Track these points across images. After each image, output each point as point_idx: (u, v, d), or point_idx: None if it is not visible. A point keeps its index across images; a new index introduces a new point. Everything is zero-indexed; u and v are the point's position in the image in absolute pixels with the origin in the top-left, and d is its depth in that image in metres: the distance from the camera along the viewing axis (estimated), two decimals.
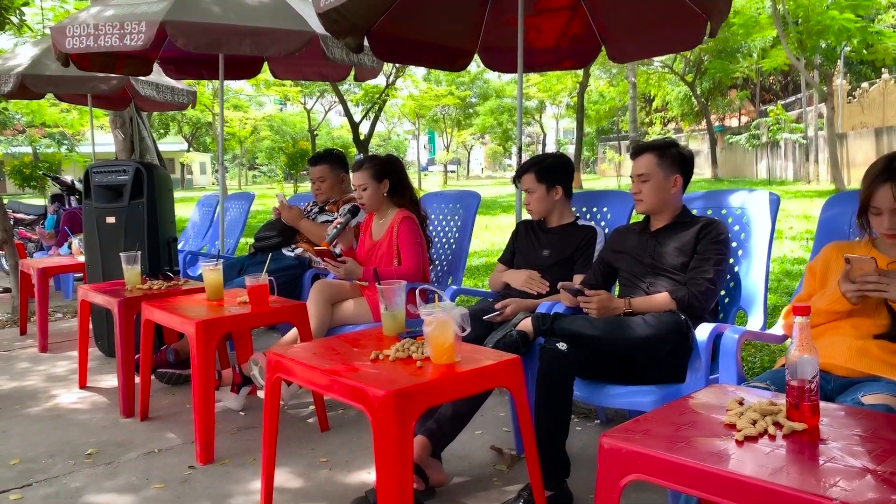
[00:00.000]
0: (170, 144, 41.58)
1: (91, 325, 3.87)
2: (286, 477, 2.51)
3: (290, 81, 22.83)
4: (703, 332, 2.12)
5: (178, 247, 4.51)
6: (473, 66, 4.31)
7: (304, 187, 25.46)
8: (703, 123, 28.93)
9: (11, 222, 6.03)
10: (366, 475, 2.50)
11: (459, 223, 3.65)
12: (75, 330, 4.21)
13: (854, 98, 21.43)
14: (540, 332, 2.30)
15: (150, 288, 3.37)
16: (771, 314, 2.59)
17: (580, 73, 21.43)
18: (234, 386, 3.24)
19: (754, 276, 2.49)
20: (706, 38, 3.48)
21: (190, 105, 6.83)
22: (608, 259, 2.64)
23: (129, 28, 3.77)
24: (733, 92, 30.65)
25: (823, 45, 16.84)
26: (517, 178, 3.03)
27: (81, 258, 4.65)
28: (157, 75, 5.84)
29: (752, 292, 2.48)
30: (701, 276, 2.31)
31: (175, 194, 4.27)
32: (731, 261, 2.53)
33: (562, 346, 2.17)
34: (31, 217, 8.13)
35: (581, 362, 2.21)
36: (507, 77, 32.67)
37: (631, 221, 2.86)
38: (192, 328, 2.63)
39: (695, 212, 2.61)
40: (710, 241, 2.35)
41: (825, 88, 17.46)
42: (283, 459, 2.57)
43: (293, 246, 4.12)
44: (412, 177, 3.59)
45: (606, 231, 2.91)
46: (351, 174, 3.48)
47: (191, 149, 45.27)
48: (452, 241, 3.65)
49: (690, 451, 1.27)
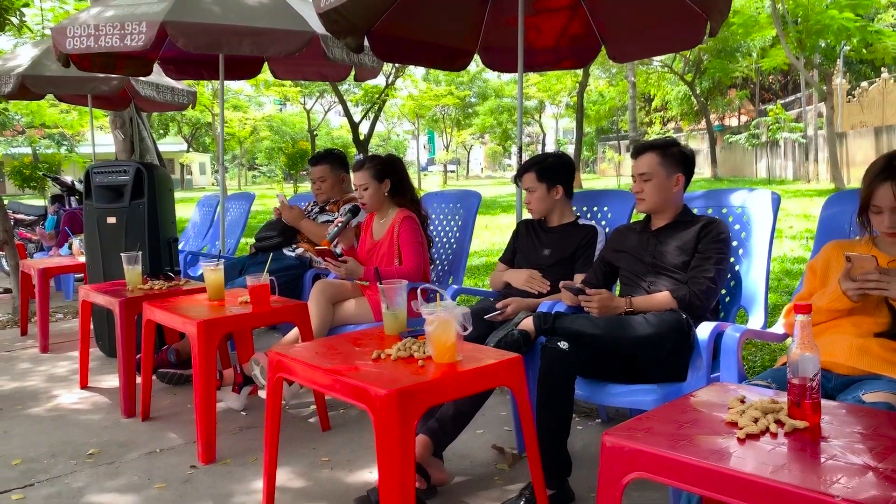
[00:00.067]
0: (169, 145, 41.59)
1: (92, 326, 3.87)
2: (288, 476, 2.51)
3: (289, 82, 22.84)
4: (704, 330, 2.12)
5: (179, 247, 4.51)
6: (472, 65, 4.31)
7: (304, 187, 25.45)
8: (703, 123, 28.93)
9: (11, 223, 6.03)
10: (367, 474, 2.51)
11: (460, 223, 3.65)
12: (76, 330, 4.21)
13: (853, 97, 21.43)
14: (541, 331, 2.30)
15: (151, 288, 3.37)
16: (771, 313, 2.60)
17: (580, 72, 21.41)
18: (236, 386, 3.25)
19: (755, 274, 2.49)
20: (706, 38, 3.48)
21: (190, 105, 6.83)
22: (609, 258, 2.64)
23: (130, 28, 3.77)
24: (733, 91, 30.65)
25: (823, 45, 16.86)
26: (518, 177, 3.04)
27: (82, 258, 4.66)
28: (158, 76, 5.85)
29: (753, 291, 2.48)
30: (702, 274, 2.32)
31: (175, 195, 4.27)
32: (732, 260, 2.53)
33: (563, 345, 2.17)
34: (31, 218, 8.12)
35: (582, 361, 2.21)
36: (506, 76, 32.67)
37: (632, 220, 2.87)
38: (194, 328, 2.63)
39: (695, 211, 2.61)
40: (711, 241, 2.35)
41: (825, 88, 17.46)
42: (284, 459, 2.57)
43: (294, 246, 4.13)
44: (412, 177, 3.59)
45: (607, 230, 2.91)
46: (352, 174, 3.48)
47: (190, 149, 45.28)
48: (453, 240, 3.66)
49: (692, 448, 1.27)
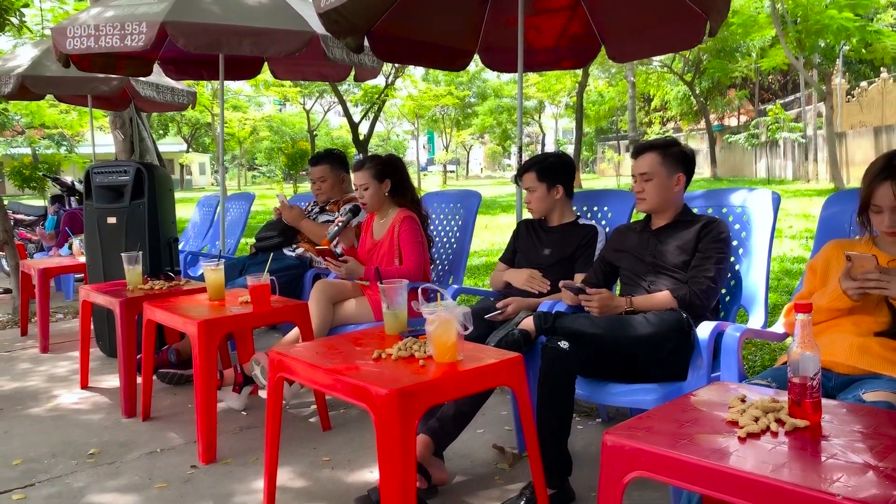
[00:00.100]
0: (169, 145, 41.59)
1: (92, 326, 3.87)
2: (289, 476, 2.51)
3: (289, 82, 22.83)
4: (704, 330, 2.12)
5: (179, 247, 4.51)
6: (472, 65, 4.30)
7: (304, 188, 25.45)
8: (702, 123, 28.94)
9: (11, 223, 6.03)
10: (368, 474, 2.51)
11: (460, 223, 3.65)
12: (76, 330, 4.21)
13: (853, 97, 21.45)
14: (542, 331, 2.30)
15: (151, 288, 3.37)
16: (771, 313, 2.60)
17: (579, 72, 21.42)
18: (236, 386, 3.25)
19: (755, 274, 2.49)
20: (706, 38, 3.48)
21: (190, 105, 6.83)
22: (609, 258, 2.64)
23: (130, 29, 3.78)
24: (732, 91, 30.66)
25: (822, 45, 16.85)
26: (518, 176, 3.04)
27: (82, 259, 4.66)
28: (157, 76, 5.85)
29: (753, 290, 2.48)
30: (702, 274, 2.32)
31: (175, 195, 4.27)
32: (732, 259, 2.53)
33: (564, 344, 2.17)
34: (31, 218, 8.13)
35: (583, 361, 2.21)
36: (505, 76, 32.67)
37: (632, 220, 2.87)
38: (195, 328, 2.63)
39: (695, 210, 2.61)
40: (712, 240, 2.35)
41: (824, 87, 17.47)
42: (285, 459, 2.58)
43: (294, 246, 4.13)
44: (412, 177, 3.59)
45: (607, 230, 2.92)
46: (352, 174, 3.48)
47: (190, 149, 45.27)
48: (453, 240, 3.66)
49: (693, 447, 1.27)
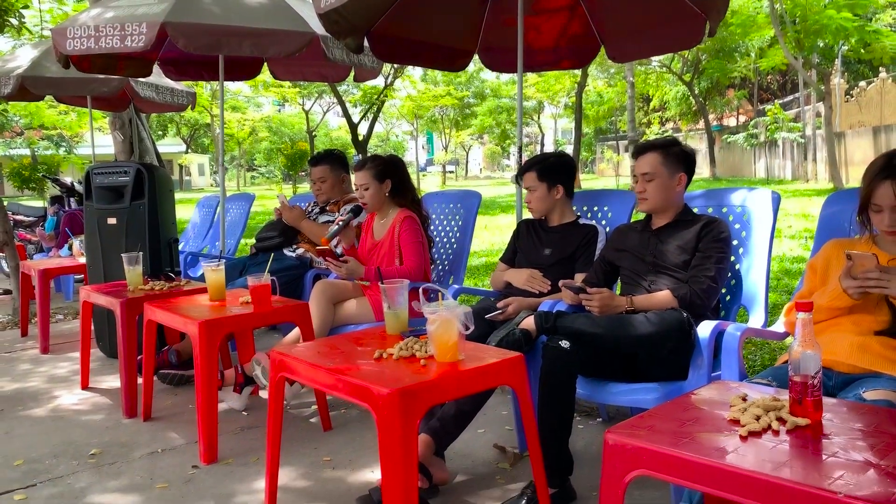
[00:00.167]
0: (168, 146, 41.55)
1: (92, 327, 3.88)
2: (290, 476, 2.51)
3: (288, 83, 22.81)
4: (705, 329, 2.13)
5: (179, 248, 4.51)
6: (471, 65, 4.31)
7: (303, 188, 25.44)
8: (701, 123, 28.93)
9: (11, 224, 6.02)
10: (369, 474, 2.51)
11: (460, 223, 3.66)
12: (76, 331, 4.22)
13: (852, 97, 21.45)
14: (543, 330, 2.31)
15: (152, 289, 3.37)
16: (771, 312, 2.60)
17: (578, 73, 21.39)
18: (237, 386, 3.25)
19: (755, 273, 2.50)
20: (705, 38, 3.49)
21: (189, 106, 6.83)
22: (610, 257, 2.65)
23: (130, 29, 3.78)
24: (731, 91, 30.65)
25: (821, 45, 16.85)
26: (519, 176, 3.05)
27: (82, 259, 4.66)
28: (157, 77, 5.84)
29: (754, 290, 2.49)
30: (703, 273, 2.32)
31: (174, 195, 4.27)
32: (732, 259, 2.54)
33: (564, 343, 2.18)
34: (30, 219, 8.13)
35: (583, 360, 2.22)
36: (504, 77, 32.66)
37: (632, 220, 2.87)
38: (196, 328, 2.63)
39: (696, 210, 2.61)
40: (712, 240, 2.36)
41: (823, 87, 17.48)
42: (286, 459, 2.58)
43: (294, 246, 4.13)
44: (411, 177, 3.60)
45: (607, 230, 2.92)
46: (353, 173, 3.48)
47: (189, 150, 45.23)
48: (454, 240, 3.66)
49: (695, 446, 1.28)
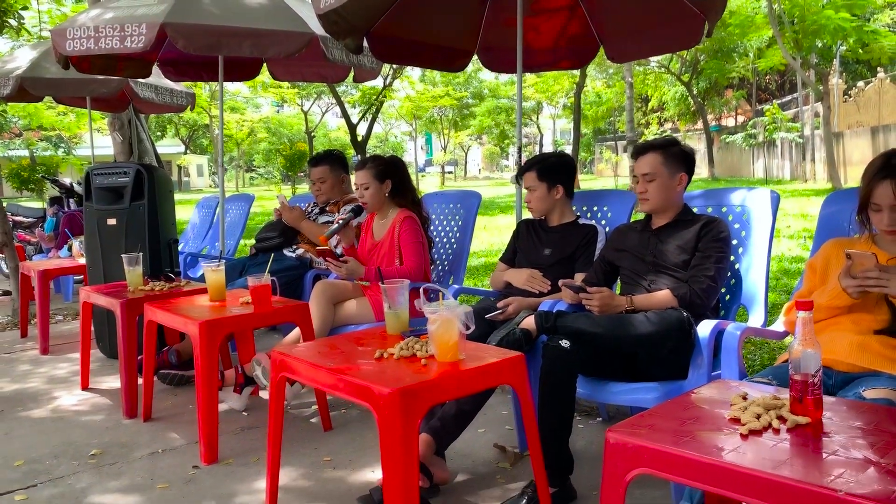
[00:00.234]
0: (167, 147, 41.50)
1: (92, 327, 3.88)
2: (290, 476, 2.52)
3: (286, 83, 22.81)
4: (705, 328, 2.13)
5: (179, 248, 4.51)
6: (469, 66, 4.32)
7: (302, 189, 25.43)
8: (700, 123, 28.94)
9: (10, 225, 6.02)
10: (370, 474, 2.52)
11: (460, 223, 3.66)
12: (76, 332, 4.22)
13: (850, 97, 21.48)
14: (543, 330, 2.31)
15: (152, 289, 3.37)
16: (770, 312, 2.61)
17: (577, 73, 21.41)
18: (237, 386, 3.25)
19: (755, 273, 2.50)
20: (703, 38, 3.49)
21: (189, 107, 6.83)
22: (609, 257, 2.65)
23: (130, 30, 3.78)
24: (730, 91, 30.66)
25: (819, 45, 16.87)
26: (519, 176, 3.05)
27: (82, 260, 4.66)
28: (156, 77, 5.84)
29: (753, 289, 2.49)
30: (702, 273, 2.33)
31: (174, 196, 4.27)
32: (732, 258, 2.54)
33: (565, 343, 2.18)
34: (29, 220, 8.13)
35: (584, 360, 2.22)
36: (502, 77, 32.65)
37: (632, 220, 2.88)
38: (196, 328, 2.64)
39: (695, 210, 2.62)
40: (712, 239, 2.36)
41: (821, 88, 17.50)
42: (286, 459, 2.58)
43: (294, 247, 4.13)
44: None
45: (607, 230, 2.92)
46: (353, 172, 3.49)
47: (188, 151, 45.20)
48: (453, 240, 3.67)
49: (696, 444, 1.28)
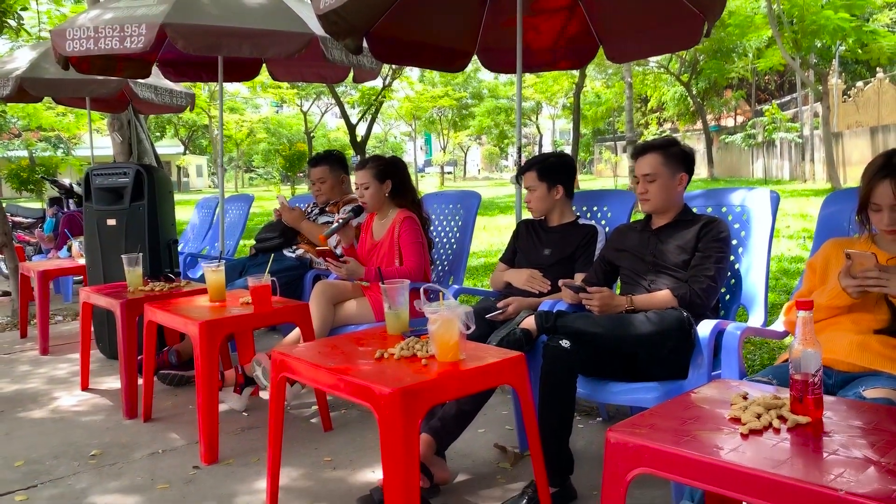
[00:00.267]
0: (166, 147, 41.47)
1: (92, 328, 3.88)
2: (291, 476, 2.52)
3: (285, 84, 22.80)
4: (705, 328, 2.14)
5: (178, 249, 4.51)
6: (468, 66, 4.33)
7: (301, 189, 25.43)
8: (699, 123, 28.95)
9: (10, 225, 6.02)
10: (370, 474, 2.52)
11: (460, 223, 3.66)
12: (76, 333, 4.22)
13: (849, 97, 21.50)
14: (543, 330, 2.31)
15: (152, 289, 3.37)
16: (770, 311, 2.61)
17: (576, 73, 21.42)
18: (237, 386, 3.25)
19: (755, 273, 2.51)
20: (703, 38, 3.49)
21: (188, 107, 6.83)
22: (609, 257, 2.66)
23: (130, 31, 3.78)
24: (729, 92, 30.67)
25: (818, 45, 16.88)
26: (519, 176, 3.05)
27: (82, 261, 4.66)
28: (156, 78, 5.84)
29: (753, 289, 2.49)
30: (702, 273, 2.33)
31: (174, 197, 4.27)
32: (732, 258, 2.55)
33: (565, 343, 2.18)
34: (29, 220, 8.12)
35: (584, 359, 2.22)
36: (502, 77, 32.66)
37: (632, 219, 2.88)
38: (196, 329, 2.64)
39: (695, 210, 2.62)
40: (712, 240, 2.37)
41: (820, 88, 17.50)
42: (287, 459, 2.58)
43: (294, 247, 4.13)
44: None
45: (607, 230, 2.93)
46: (354, 172, 3.49)
47: (187, 151, 45.18)
48: (453, 240, 3.67)
49: (696, 444, 1.28)
